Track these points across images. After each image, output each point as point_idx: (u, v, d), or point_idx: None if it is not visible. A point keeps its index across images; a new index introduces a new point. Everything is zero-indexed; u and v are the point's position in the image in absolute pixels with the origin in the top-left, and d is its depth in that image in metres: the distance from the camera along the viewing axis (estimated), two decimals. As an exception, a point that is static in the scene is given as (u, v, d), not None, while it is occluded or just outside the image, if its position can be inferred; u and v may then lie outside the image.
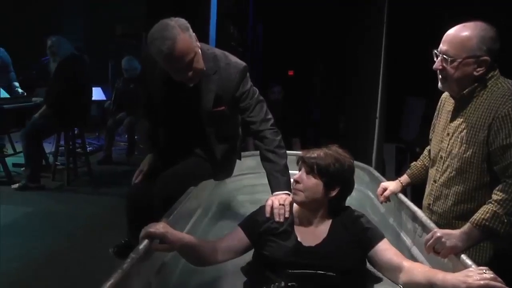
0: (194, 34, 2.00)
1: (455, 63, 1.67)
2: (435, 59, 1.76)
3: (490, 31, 1.66)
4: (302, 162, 1.70)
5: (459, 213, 1.75)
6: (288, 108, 5.18)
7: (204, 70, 2.09)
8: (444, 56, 1.70)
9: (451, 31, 1.72)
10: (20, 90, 5.27)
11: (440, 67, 1.73)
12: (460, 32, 1.69)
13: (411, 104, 4.89)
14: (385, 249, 1.63)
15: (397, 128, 4.94)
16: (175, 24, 1.92)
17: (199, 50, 2.05)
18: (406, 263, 1.58)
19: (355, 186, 2.81)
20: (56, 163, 4.90)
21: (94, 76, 5.30)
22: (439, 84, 1.81)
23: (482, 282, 1.26)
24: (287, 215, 1.75)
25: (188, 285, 1.72)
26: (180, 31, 1.91)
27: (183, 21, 1.97)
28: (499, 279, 1.27)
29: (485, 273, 1.29)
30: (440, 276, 1.41)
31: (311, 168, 1.66)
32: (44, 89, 4.94)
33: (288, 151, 2.19)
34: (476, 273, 1.30)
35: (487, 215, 1.54)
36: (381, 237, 1.67)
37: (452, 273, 1.41)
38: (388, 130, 4.42)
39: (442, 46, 1.72)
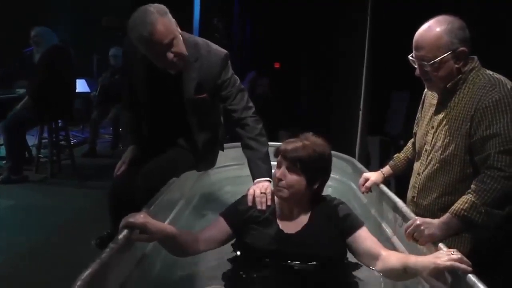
0: (173, 19, 2.00)
1: (436, 65, 1.68)
2: (413, 64, 1.77)
3: (455, 22, 1.67)
4: (282, 158, 1.67)
5: (443, 205, 1.75)
6: (275, 101, 5.17)
7: (186, 55, 2.08)
8: (422, 61, 1.71)
9: (420, 35, 1.71)
10: None
11: (422, 73, 1.74)
12: (428, 33, 1.68)
13: (396, 98, 4.92)
14: (364, 237, 1.65)
15: (383, 122, 4.96)
16: (153, 10, 1.93)
17: (179, 35, 2.04)
18: (383, 251, 1.60)
19: (338, 177, 2.83)
20: (39, 155, 4.82)
21: (79, 68, 5.21)
22: (427, 87, 1.83)
23: (448, 262, 1.30)
24: (269, 203, 1.76)
25: (169, 276, 1.71)
26: (158, 16, 1.92)
27: (161, 6, 1.98)
28: (465, 259, 1.30)
29: (452, 254, 1.32)
30: (413, 259, 1.46)
31: (294, 164, 1.64)
32: (26, 80, 4.86)
33: (270, 142, 2.19)
34: (445, 254, 1.34)
35: (466, 205, 1.56)
36: (360, 225, 1.68)
37: (424, 256, 1.45)
38: (374, 124, 4.45)
39: (417, 52, 1.72)
